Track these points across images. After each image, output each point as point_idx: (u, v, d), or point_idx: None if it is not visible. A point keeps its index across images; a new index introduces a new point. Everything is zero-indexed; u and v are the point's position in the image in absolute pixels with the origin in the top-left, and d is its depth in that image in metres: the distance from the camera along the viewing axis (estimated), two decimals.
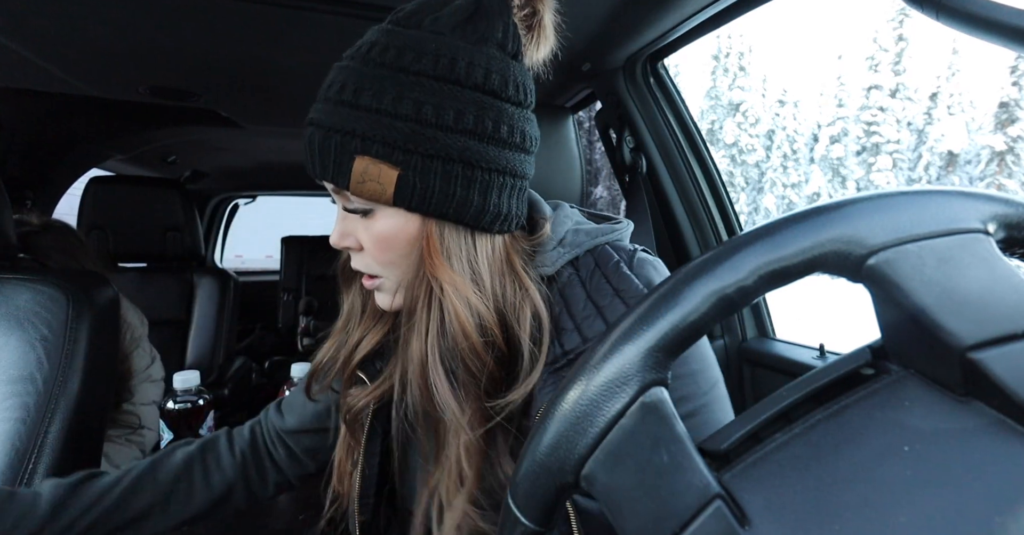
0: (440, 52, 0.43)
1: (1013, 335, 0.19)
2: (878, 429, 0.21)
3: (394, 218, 0.46)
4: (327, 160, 0.45)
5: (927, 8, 0.32)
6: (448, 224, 0.47)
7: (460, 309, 0.45)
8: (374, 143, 0.43)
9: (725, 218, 1.22)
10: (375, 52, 0.44)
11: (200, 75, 1.22)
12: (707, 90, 29.04)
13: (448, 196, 0.45)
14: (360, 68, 0.44)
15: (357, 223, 0.48)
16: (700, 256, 0.24)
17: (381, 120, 0.43)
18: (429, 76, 0.43)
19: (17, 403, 0.71)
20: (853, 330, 1.72)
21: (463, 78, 0.43)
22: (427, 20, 0.44)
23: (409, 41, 0.44)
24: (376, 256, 0.49)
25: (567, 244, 0.51)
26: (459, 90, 0.43)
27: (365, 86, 0.43)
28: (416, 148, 0.43)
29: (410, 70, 0.43)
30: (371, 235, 0.47)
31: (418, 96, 0.42)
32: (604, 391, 0.23)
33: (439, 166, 0.44)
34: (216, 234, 2.86)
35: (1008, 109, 22.52)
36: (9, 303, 0.75)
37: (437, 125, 0.43)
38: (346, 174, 0.44)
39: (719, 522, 0.20)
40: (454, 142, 0.43)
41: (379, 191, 0.44)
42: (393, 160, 0.43)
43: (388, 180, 0.44)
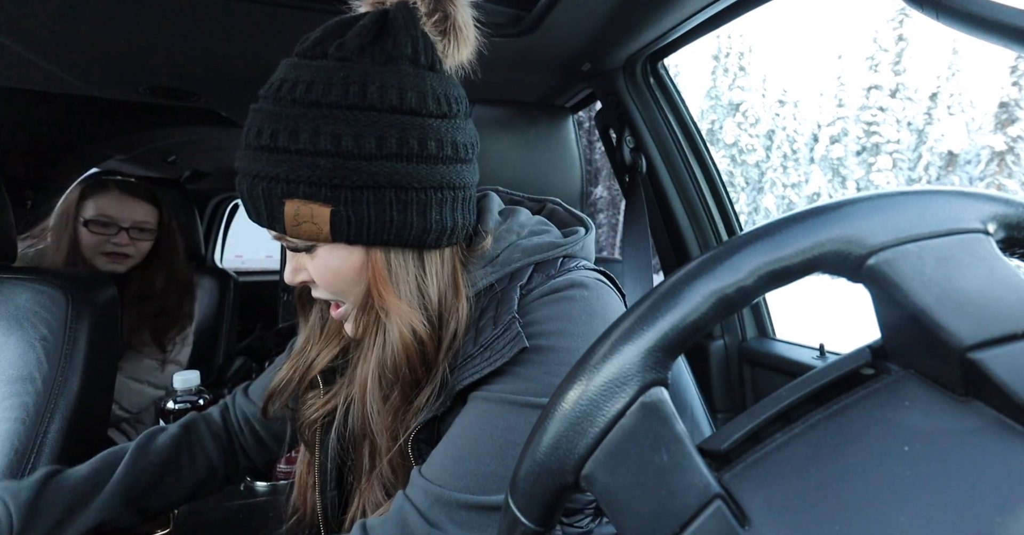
0: (349, 79, 0.42)
1: (1013, 335, 0.19)
2: (878, 429, 0.21)
3: (336, 251, 0.46)
4: (259, 207, 0.44)
5: (927, 8, 0.32)
6: (393, 249, 0.46)
7: (405, 335, 0.46)
8: (299, 184, 0.42)
9: (725, 218, 1.22)
10: (284, 90, 0.43)
11: (200, 75, 1.22)
12: (707, 90, 29.04)
13: (385, 223, 0.44)
14: (272, 108, 0.43)
15: (305, 259, 0.49)
16: (700, 256, 0.24)
17: (302, 160, 0.42)
18: (342, 106, 0.42)
19: (16, 403, 0.71)
20: (853, 330, 1.73)
21: (377, 102, 0.42)
22: (331, 48, 0.43)
23: (316, 73, 0.42)
24: (327, 288, 0.49)
25: (498, 263, 0.51)
26: (375, 115, 0.42)
27: (280, 127, 0.42)
28: (343, 182, 0.42)
29: (321, 103, 0.42)
30: (318, 269, 0.48)
31: (334, 129, 0.41)
32: (604, 391, 0.23)
33: (370, 196, 0.43)
34: (216, 234, 2.86)
35: (1008, 109, 22.52)
36: (9, 303, 0.75)
37: (359, 155, 0.42)
38: (279, 219, 0.44)
39: (719, 522, 0.20)
40: (380, 169, 0.42)
41: (315, 231, 0.44)
42: (322, 198, 0.42)
43: (322, 218, 0.43)
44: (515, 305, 0.46)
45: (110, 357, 0.86)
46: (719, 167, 1.23)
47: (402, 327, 0.46)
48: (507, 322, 0.45)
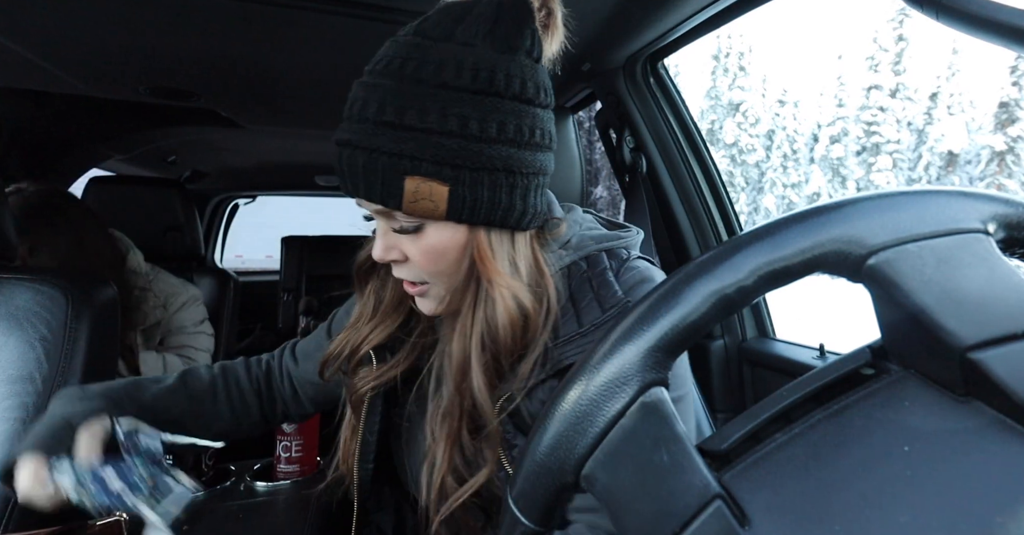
0: (479, 65, 0.44)
1: (1013, 335, 0.19)
2: (878, 429, 0.21)
3: (444, 231, 0.48)
4: (374, 182, 0.45)
5: (927, 8, 0.32)
6: (493, 229, 0.49)
7: (511, 305, 0.48)
8: (423, 162, 0.43)
9: (725, 218, 1.22)
10: (410, 68, 0.44)
11: (200, 75, 1.22)
12: (707, 90, 29.03)
13: (495, 205, 0.47)
14: (396, 86, 0.44)
15: (401, 238, 0.49)
16: (700, 256, 0.24)
17: (429, 139, 0.43)
18: (470, 91, 0.44)
19: (16, 403, 0.71)
20: (853, 330, 1.72)
21: (502, 90, 0.45)
22: (457, 31, 0.45)
23: (445, 55, 0.44)
24: (425, 267, 0.50)
25: (571, 247, 0.54)
26: (499, 102, 0.45)
27: (407, 105, 0.43)
28: (464, 163, 0.44)
29: (451, 85, 0.43)
30: (420, 249, 0.49)
31: (461, 111, 0.43)
32: (604, 391, 0.23)
33: (486, 177, 0.45)
34: (216, 234, 2.86)
35: (1008, 109, 22.51)
36: (9, 303, 0.75)
37: (482, 138, 0.44)
38: (397, 195, 0.45)
39: (719, 522, 0.20)
40: (497, 153, 0.45)
41: (431, 208, 0.45)
42: (443, 177, 0.44)
43: (440, 197, 0.45)
44: (617, 289, 0.49)
45: (110, 357, 0.86)
46: (719, 167, 1.23)
47: (508, 300, 0.48)
48: (620, 304, 0.48)
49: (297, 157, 2.21)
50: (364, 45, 1.06)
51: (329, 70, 1.20)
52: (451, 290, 0.52)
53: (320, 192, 2.98)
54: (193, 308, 1.46)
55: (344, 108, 0.48)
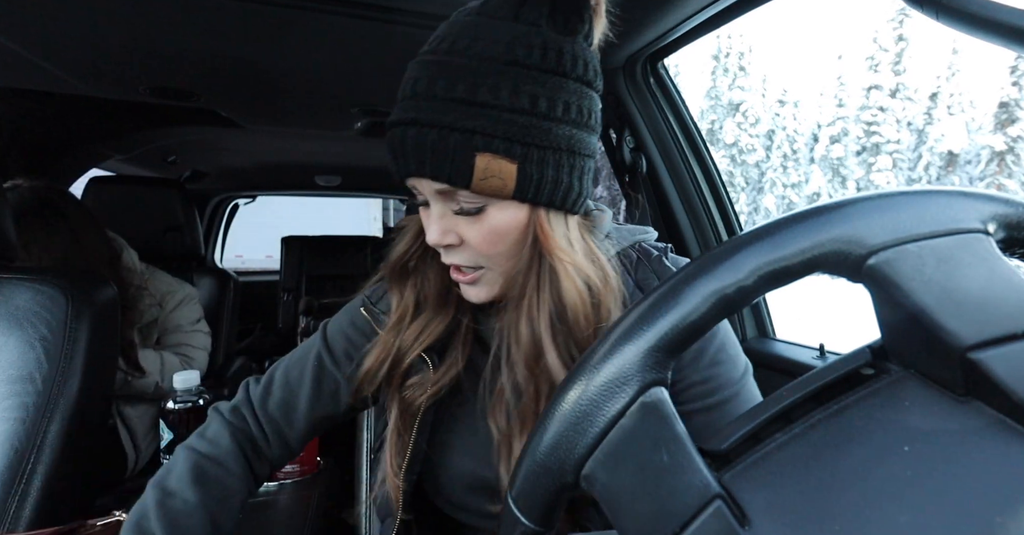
0: (547, 45, 0.44)
1: (1013, 335, 0.19)
2: (878, 429, 0.21)
3: (507, 211, 0.47)
4: (442, 160, 0.44)
5: (927, 8, 0.32)
6: (552, 210, 0.48)
7: (576, 280, 0.47)
8: (495, 139, 0.43)
9: (725, 218, 1.22)
10: (480, 47, 0.43)
11: (200, 75, 1.22)
12: (707, 90, 29.03)
13: (558, 184, 0.47)
14: (467, 63, 0.43)
15: (460, 220, 0.48)
16: (700, 256, 0.24)
17: (501, 116, 0.43)
18: (540, 69, 0.44)
19: (16, 403, 0.71)
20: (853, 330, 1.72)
21: (568, 70, 0.45)
22: (522, 12, 0.45)
23: (514, 34, 0.44)
24: (485, 249, 0.49)
25: (613, 238, 0.55)
26: (565, 81, 0.45)
27: (480, 82, 0.43)
28: (533, 141, 0.44)
29: (522, 63, 0.43)
30: (481, 231, 0.48)
31: (532, 90, 0.43)
32: (604, 391, 0.23)
33: (551, 156, 0.45)
34: (216, 234, 2.85)
35: (1008, 109, 22.51)
36: (9, 303, 0.75)
37: (549, 117, 0.44)
38: (467, 173, 0.44)
39: (719, 522, 0.20)
40: (562, 132, 0.45)
41: (499, 186, 0.45)
42: (513, 154, 0.44)
43: (508, 175, 0.44)
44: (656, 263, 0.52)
45: (110, 357, 0.86)
46: (719, 167, 1.23)
47: (574, 276, 0.47)
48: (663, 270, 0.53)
49: (297, 157, 2.21)
50: (364, 45, 1.06)
51: (329, 70, 1.20)
52: (507, 275, 0.51)
53: (320, 192, 2.98)
54: (189, 306, 1.47)
55: (401, 88, 0.47)
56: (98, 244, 1.22)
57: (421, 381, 0.55)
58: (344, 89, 1.34)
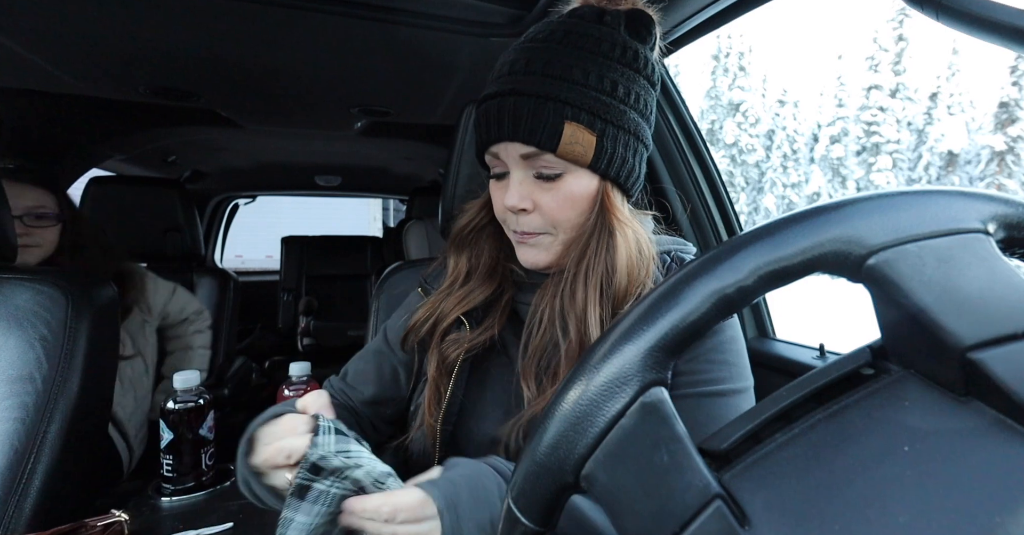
0: (627, 45, 0.53)
1: (1013, 335, 0.19)
2: (878, 429, 0.21)
3: (581, 180, 0.54)
4: (537, 124, 0.51)
5: (927, 8, 0.32)
6: (616, 187, 0.55)
7: (631, 247, 0.54)
8: (582, 111, 0.51)
9: (725, 218, 1.22)
10: (573, 38, 0.52)
11: (200, 75, 1.22)
12: (707, 90, 29.03)
13: (624, 162, 0.54)
14: (562, 49, 0.52)
15: (536, 187, 0.55)
16: (700, 256, 0.24)
17: (588, 93, 0.51)
18: (621, 62, 0.52)
19: (16, 403, 0.71)
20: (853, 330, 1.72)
21: (641, 67, 0.54)
22: (605, 18, 0.54)
23: (601, 33, 0.53)
24: (556, 214, 0.55)
25: (654, 242, 0.59)
26: (637, 76, 0.54)
27: (573, 64, 0.51)
28: (611, 119, 0.52)
29: (607, 55, 0.52)
30: (556, 197, 0.54)
31: (614, 77, 0.52)
32: (604, 391, 0.23)
33: (622, 136, 0.53)
34: (216, 234, 2.86)
35: (1008, 109, 22.51)
36: (9, 303, 0.75)
37: (625, 102, 0.52)
38: (556, 137, 0.51)
39: (719, 522, 0.20)
40: (633, 117, 0.53)
41: (581, 153, 0.52)
42: (594, 127, 0.51)
43: (588, 144, 0.52)
44: None
45: (110, 357, 0.86)
46: (719, 167, 1.23)
47: (631, 241, 0.54)
48: None
49: (297, 157, 2.21)
50: (364, 45, 1.06)
51: (329, 70, 1.20)
52: (567, 243, 0.57)
53: (320, 192, 2.98)
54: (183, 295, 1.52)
55: (496, 70, 0.55)
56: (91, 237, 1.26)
57: (458, 338, 0.62)
58: (344, 89, 1.34)
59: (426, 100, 1.44)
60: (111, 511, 0.67)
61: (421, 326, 0.64)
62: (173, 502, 0.80)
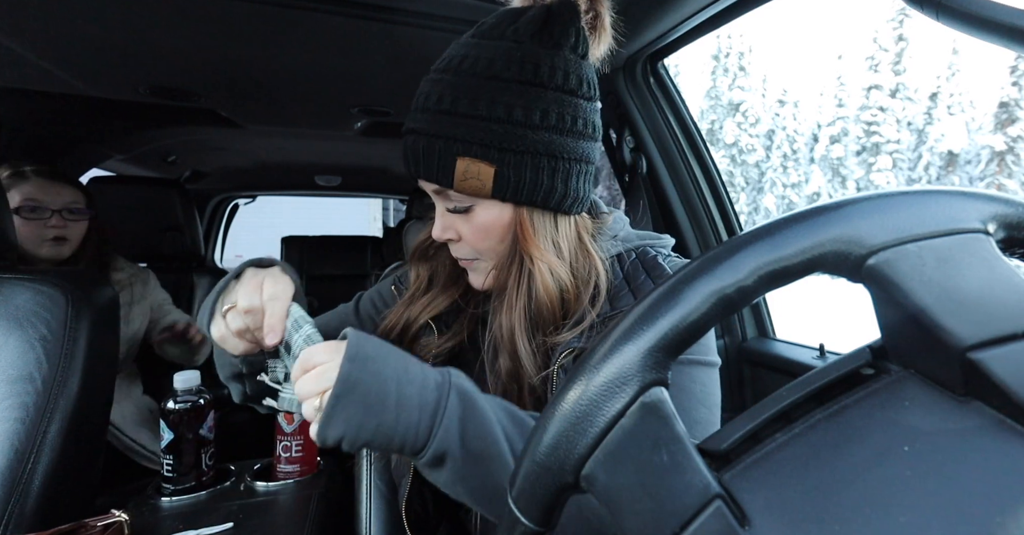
0: (524, 59, 0.49)
1: (1013, 335, 0.19)
2: (878, 429, 0.21)
3: (491, 210, 0.53)
4: (431, 163, 0.51)
5: (927, 8, 0.32)
6: (536, 210, 0.54)
7: (548, 281, 0.54)
8: (473, 145, 0.49)
9: (725, 218, 1.22)
10: (467, 64, 0.50)
11: (200, 75, 1.22)
12: (707, 90, 29.02)
13: (537, 186, 0.51)
14: (454, 80, 0.50)
15: (456, 219, 0.55)
16: (700, 256, 0.24)
17: (478, 125, 0.49)
18: (517, 81, 0.49)
19: (16, 403, 0.71)
20: (853, 330, 1.72)
21: (546, 81, 0.50)
22: (508, 31, 0.51)
23: (497, 51, 0.50)
24: (475, 244, 0.56)
25: (620, 239, 0.60)
26: (543, 92, 0.50)
27: (460, 96, 0.49)
28: (509, 146, 0.49)
29: (500, 77, 0.49)
30: (471, 228, 0.55)
31: (508, 100, 0.49)
32: (604, 391, 0.23)
33: (529, 160, 0.50)
34: (216, 234, 2.85)
35: (1008, 109, 22.51)
36: (9, 303, 0.75)
37: (526, 124, 0.49)
38: (449, 174, 0.50)
39: (719, 522, 0.20)
40: (541, 138, 0.50)
41: (479, 186, 0.51)
42: (490, 158, 0.49)
43: (487, 176, 0.50)
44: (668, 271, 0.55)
45: (110, 357, 0.86)
46: (719, 167, 1.23)
47: (546, 275, 0.53)
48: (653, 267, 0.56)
49: (297, 157, 2.21)
50: (364, 45, 1.06)
51: (329, 70, 1.20)
52: (498, 267, 0.57)
53: (320, 192, 2.98)
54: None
55: (412, 102, 0.53)
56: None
57: (426, 343, 0.63)
58: (344, 89, 1.34)
59: None
60: (111, 511, 0.67)
61: (391, 330, 0.64)
62: (173, 502, 0.80)
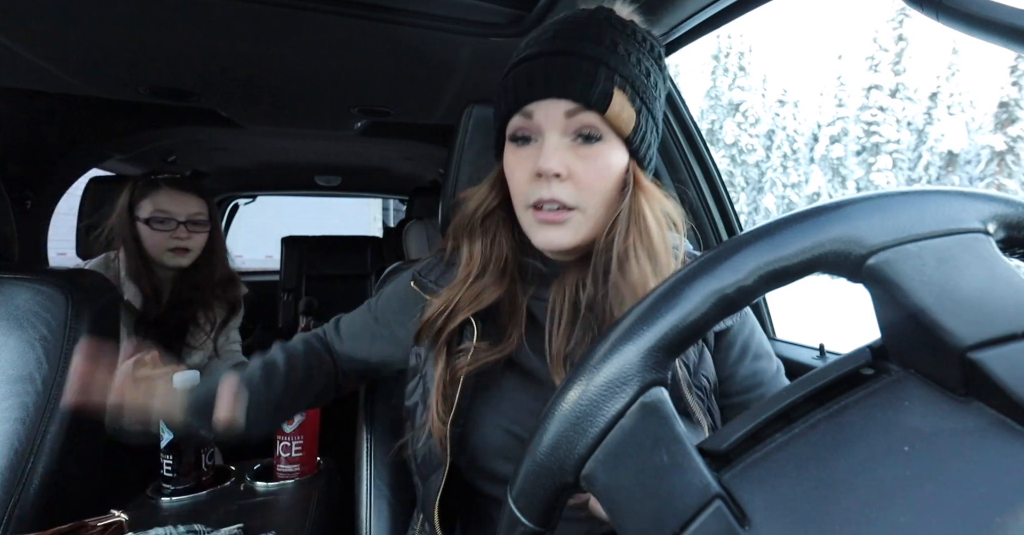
0: (654, 45, 0.56)
1: (1013, 335, 0.19)
2: (878, 429, 0.21)
3: (615, 152, 0.54)
4: (588, 84, 0.50)
5: (927, 8, 0.32)
6: (639, 170, 0.56)
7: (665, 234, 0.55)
8: (630, 86, 0.52)
9: (725, 218, 1.22)
10: (607, 20, 0.54)
11: (200, 75, 1.22)
12: (707, 90, 29.02)
13: (649, 147, 0.56)
14: (608, 29, 0.53)
15: (572, 154, 0.53)
16: (700, 256, 0.24)
17: (633, 70, 0.52)
18: (649, 54, 0.55)
19: (16, 403, 0.71)
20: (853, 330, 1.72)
21: (662, 67, 0.57)
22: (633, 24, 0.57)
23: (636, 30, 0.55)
24: (591, 183, 0.53)
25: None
26: (662, 74, 0.57)
27: (619, 42, 0.53)
28: (647, 101, 0.54)
29: (641, 44, 0.54)
30: (593, 164, 0.53)
31: (647, 65, 0.54)
32: (604, 391, 0.23)
33: (651, 122, 0.55)
34: None
35: (1008, 109, 22.50)
36: (9, 303, 0.75)
37: (656, 90, 0.55)
38: (606, 99, 0.51)
39: (719, 522, 0.20)
40: (658, 105, 0.56)
41: (623, 123, 0.52)
42: (636, 105, 0.53)
43: (630, 118, 0.53)
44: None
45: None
46: (719, 167, 1.23)
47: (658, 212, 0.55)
48: None
49: (297, 157, 2.21)
50: (364, 45, 1.06)
51: (329, 70, 1.20)
52: (596, 221, 0.54)
53: (320, 192, 2.98)
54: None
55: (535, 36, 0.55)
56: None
57: (466, 349, 0.57)
58: (344, 89, 1.34)
59: (426, 100, 1.44)
60: (111, 511, 0.67)
61: (434, 322, 0.60)
62: (173, 502, 0.80)
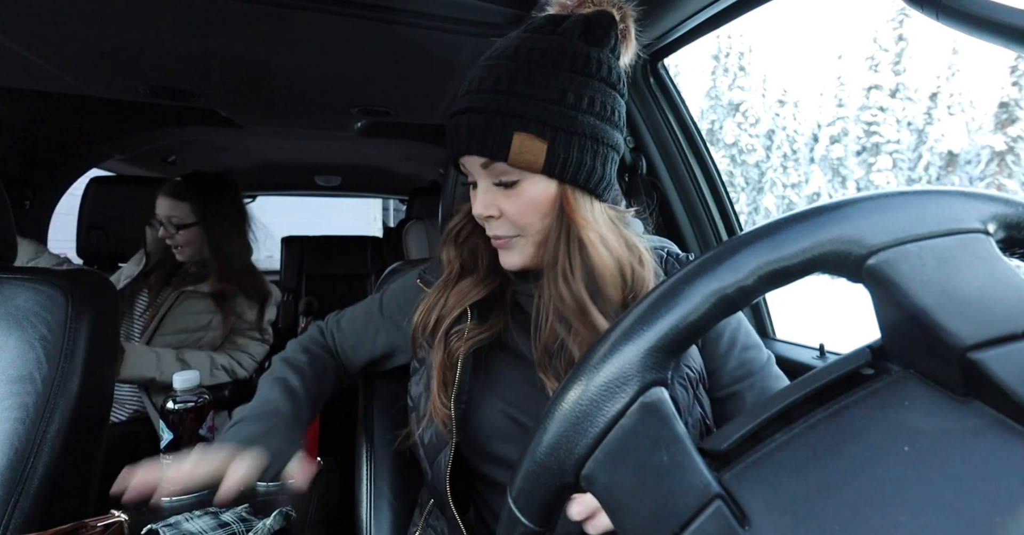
0: (576, 52, 0.55)
1: (1013, 335, 0.19)
2: (878, 429, 0.21)
3: (538, 185, 0.57)
4: (488, 138, 0.54)
5: (927, 8, 0.32)
6: (578, 189, 0.57)
7: (602, 251, 0.56)
8: (530, 122, 0.53)
9: (725, 218, 1.22)
10: (522, 52, 0.55)
11: (200, 75, 1.22)
12: (707, 90, 29.01)
13: (582, 165, 0.56)
14: (511, 65, 0.55)
15: (499, 195, 0.58)
16: (700, 256, 0.24)
17: (535, 104, 0.54)
18: (568, 69, 0.54)
19: (16, 403, 0.71)
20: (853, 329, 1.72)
21: (593, 71, 0.55)
22: (556, 30, 0.56)
23: (550, 44, 0.55)
24: (519, 219, 0.58)
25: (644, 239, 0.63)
26: (590, 81, 0.55)
27: (518, 78, 0.54)
28: (562, 126, 0.54)
29: (554, 65, 0.54)
30: (515, 203, 0.58)
31: (562, 85, 0.54)
32: (604, 391, 0.23)
33: (577, 141, 0.55)
34: None
35: (1008, 109, 22.49)
36: (9, 303, 0.75)
37: (576, 108, 0.54)
38: (505, 148, 0.54)
39: (719, 522, 0.20)
40: (587, 121, 0.55)
41: (532, 161, 0.55)
42: (544, 135, 0.54)
43: (539, 152, 0.54)
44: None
45: (110, 357, 0.86)
46: (719, 167, 1.23)
47: (598, 245, 0.56)
48: None
49: (297, 157, 2.21)
50: (364, 45, 1.06)
51: (329, 70, 1.20)
52: (538, 243, 0.60)
53: (320, 192, 2.98)
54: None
55: (464, 85, 0.57)
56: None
57: (461, 330, 0.64)
58: (344, 89, 1.34)
59: (426, 100, 1.44)
60: (111, 511, 0.67)
61: (425, 322, 0.66)
62: (173, 502, 0.80)
